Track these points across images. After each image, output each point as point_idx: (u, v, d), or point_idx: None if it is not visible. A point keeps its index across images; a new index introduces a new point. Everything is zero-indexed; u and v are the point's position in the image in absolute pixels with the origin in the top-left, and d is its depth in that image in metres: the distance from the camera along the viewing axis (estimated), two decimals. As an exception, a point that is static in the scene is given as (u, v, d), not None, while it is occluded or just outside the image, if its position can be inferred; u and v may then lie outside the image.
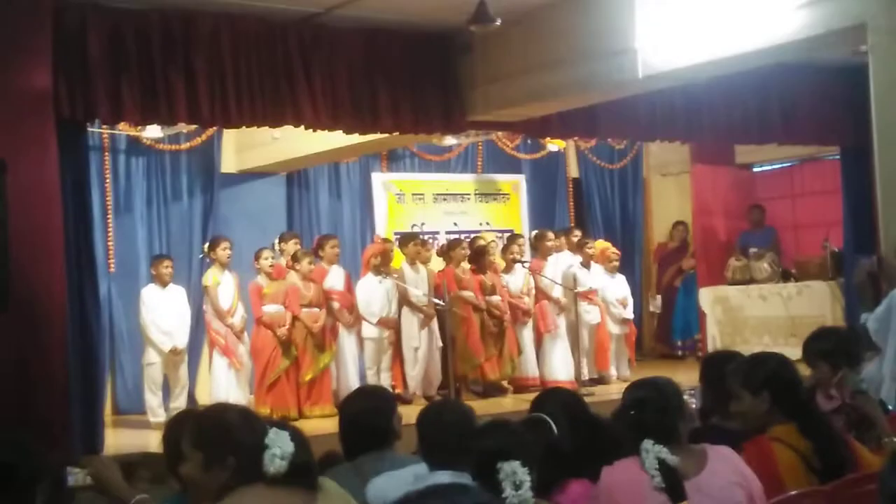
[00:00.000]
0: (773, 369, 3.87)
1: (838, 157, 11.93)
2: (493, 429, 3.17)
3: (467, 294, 10.34)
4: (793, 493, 3.54)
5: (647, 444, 3.28)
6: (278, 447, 2.84)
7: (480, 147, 12.66)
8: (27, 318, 6.83)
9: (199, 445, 3.04)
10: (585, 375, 10.68)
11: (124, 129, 10.07)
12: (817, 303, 11.61)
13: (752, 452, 3.65)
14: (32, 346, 6.93)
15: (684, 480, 3.27)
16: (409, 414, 4.18)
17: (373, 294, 9.95)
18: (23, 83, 7.10)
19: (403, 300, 10.10)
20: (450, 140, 11.49)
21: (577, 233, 11.70)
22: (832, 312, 11.41)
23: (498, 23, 7.23)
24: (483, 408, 8.77)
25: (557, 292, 10.77)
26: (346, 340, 9.94)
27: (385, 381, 9.80)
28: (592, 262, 11.19)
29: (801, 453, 3.69)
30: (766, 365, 3.91)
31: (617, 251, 11.66)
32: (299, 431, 3.01)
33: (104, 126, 9.78)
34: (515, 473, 2.95)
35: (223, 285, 9.62)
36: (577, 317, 10.56)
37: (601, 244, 11.70)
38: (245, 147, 11.00)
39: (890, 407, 5.10)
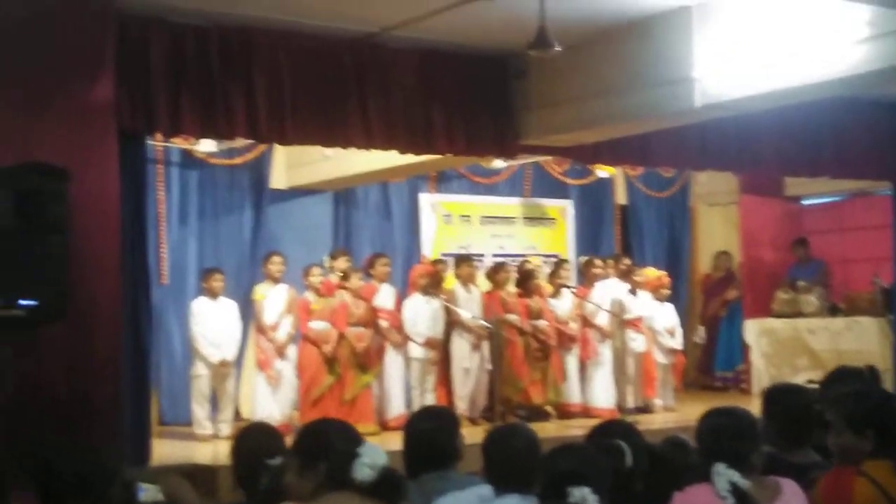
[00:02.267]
0: (878, 407, 3.76)
1: (889, 192, 11.84)
2: (565, 452, 3.18)
3: (512, 317, 10.34)
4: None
5: (720, 467, 3.28)
6: (369, 457, 2.96)
7: (529, 171, 12.67)
8: (83, 327, 6.87)
9: (297, 451, 3.19)
10: (630, 404, 10.62)
11: (178, 143, 10.17)
12: (866, 339, 11.50)
13: (830, 484, 3.60)
14: (87, 355, 6.97)
15: None
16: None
17: (419, 314, 9.98)
18: (87, 95, 7.18)
19: (453, 321, 10.11)
20: (498, 163, 11.51)
21: (627, 261, 11.67)
22: (881, 349, 11.30)
23: (557, 49, 7.23)
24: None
25: (602, 319, 10.74)
26: (393, 360, 9.97)
27: (429, 401, 9.79)
28: (640, 290, 11.15)
29: (888, 493, 3.59)
30: (870, 402, 3.80)
31: (667, 279, 11.60)
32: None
33: (159, 139, 9.87)
34: (585, 500, 2.96)
35: (271, 299, 9.68)
36: (622, 344, 10.53)
37: (652, 272, 11.66)
38: (295, 164, 11.07)
39: None
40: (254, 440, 3.82)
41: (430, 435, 3.90)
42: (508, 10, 7.63)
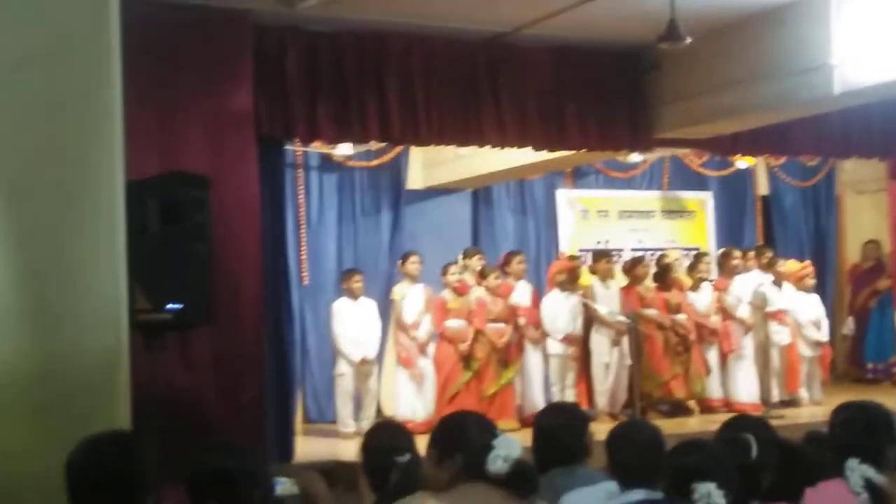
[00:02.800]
0: None
1: None
2: (691, 447, 3.17)
3: (651, 312, 10.25)
4: None
5: (853, 462, 3.24)
6: (504, 450, 2.99)
7: (667, 163, 12.53)
8: (227, 329, 7.10)
9: (434, 442, 3.22)
10: (775, 398, 10.40)
11: (317, 147, 10.40)
12: None
13: None
14: (231, 356, 7.22)
15: None
16: (594, 431, 4.19)
17: (558, 310, 9.97)
18: (227, 103, 7.44)
19: (592, 317, 10.09)
20: (635, 157, 11.41)
21: (768, 253, 11.42)
22: None
23: (688, 41, 7.16)
24: (669, 428, 8.61)
25: (744, 312, 10.54)
26: (532, 356, 9.99)
27: (570, 397, 9.79)
28: (783, 282, 10.90)
29: None
30: None
31: (810, 269, 11.31)
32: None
33: (298, 143, 10.12)
34: (710, 495, 2.95)
35: (410, 298, 9.82)
36: (766, 337, 10.32)
37: (795, 264, 11.38)
38: (431, 164, 11.19)
39: None
40: (383, 438, 3.89)
41: (559, 430, 3.92)
42: (639, 4, 7.59)
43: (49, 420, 4.39)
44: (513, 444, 3.04)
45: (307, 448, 8.60)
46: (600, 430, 3.83)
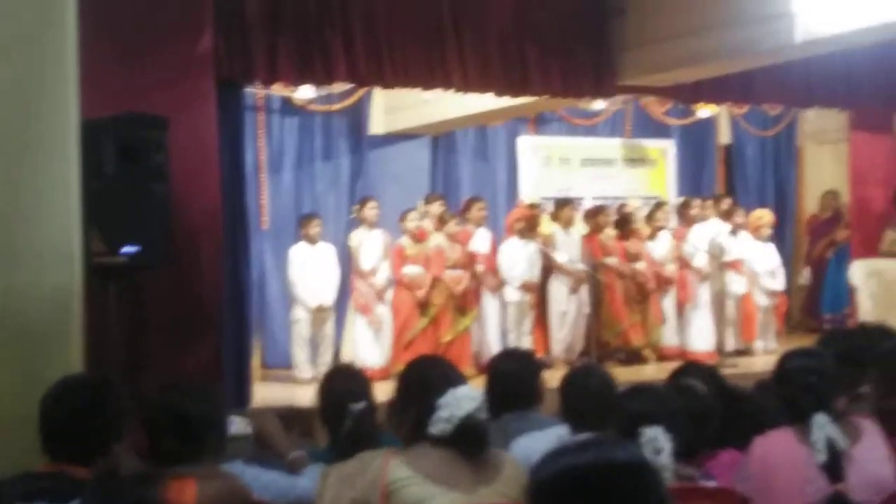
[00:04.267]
0: None
1: None
2: (638, 393, 3.20)
3: (612, 261, 10.29)
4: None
5: (822, 419, 3.20)
6: (447, 411, 2.86)
7: (629, 111, 12.52)
8: (184, 273, 7.06)
9: (397, 390, 3.12)
10: (730, 347, 10.51)
11: (278, 91, 10.30)
12: (979, 278, 11.16)
13: None
14: (188, 300, 7.17)
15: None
16: (549, 378, 4.21)
17: (516, 258, 9.98)
18: (185, 43, 7.32)
19: (551, 265, 10.11)
20: (598, 104, 11.39)
21: (727, 201, 11.49)
22: None
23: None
24: (625, 375, 8.73)
25: (701, 261, 10.62)
26: (489, 303, 10.02)
27: (526, 344, 9.81)
28: (741, 231, 10.98)
29: None
30: None
31: (770, 218, 11.38)
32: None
33: (259, 87, 10.01)
34: (657, 439, 2.97)
35: (368, 245, 9.78)
36: (722, 286, 10.41)
37: (760, 213, 11.45)
38: (393, 109, 11.11)
39: None
40: (338, 384, 3.84)
41: (512, 376, 3.96)
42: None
43: (2, 354, 4.41)
44: (461, 401, 2.89)
45: (264, 393, 8.59)
46: (556, 377, 3.83)
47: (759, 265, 11.04)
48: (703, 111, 12.16)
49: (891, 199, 12.70)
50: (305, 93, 10.25)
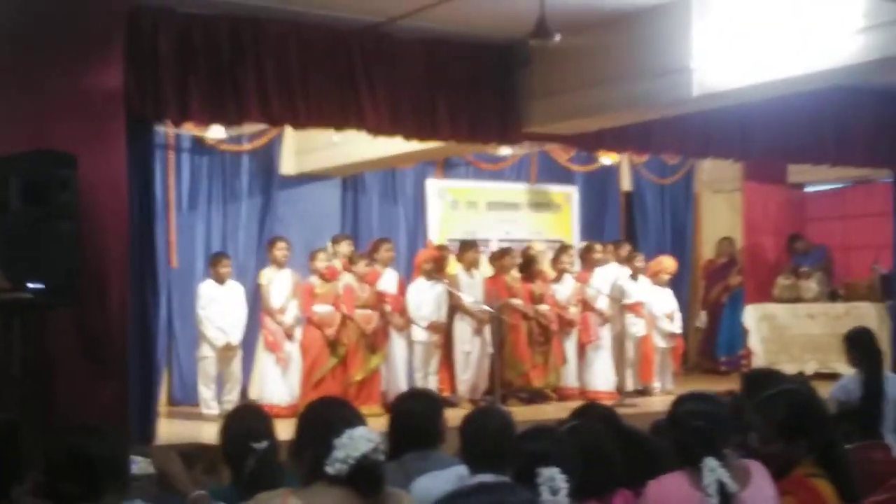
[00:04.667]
0: (808, 414, 3.72)
1: (890, 180, 11.93)
2: (537, 433, 3.27)
3: (517, 302, 10.49)
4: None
5: (712, 463, 3.23)
6: (343, 451, 2.84)
7: (535, 157, 12.78)
8: (91, 310, 7.05)
9: (295, 432, 3.07)
10: (630, 387, 10.77)
11: (189, 130, 10.31)
12: (865, 324, 11.56)
13: (801, 495, 3.54)
14: (95, 338, 7.16)
15: None
16: (454, 417, 4.30)
17: (423, 298, 10.14)
18: (96, 81, 7.34)
19: (456, 306, 10.28)
20: (505, 149, 11.62)
21: (627, 246, 11.80)
22: (879, 333, 11.37)
23: (557, 38, 7.34)
24: (526, 414, 8.93)
25: (602, 304, 10.88)
26: (397, 343, 10.14)
27: (432, 384, 9.97)
28: (640, 275, 11.28)
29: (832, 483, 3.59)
30: (798, 410, 3.72)
31: (671, 265, 11.69)
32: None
33: (170, 125, 10.02)
34: (554, 479, 3.06)
35: (277, 283, 9.84)
36: (622, 328, 10.68)
37: (663, 259, 11.78)
38: (304, 150, 11.18)
39: None
40: (241, 423, 3.85)
41: (413, 415, 4.02)
42: (511, 0, 7.75)
43: None
44: (357, 441, 2.86)
45: (170, 430, 8.57)
46: (461, 416, 3.85)
47: (658, 308, 11.35)
48: (606, 159, 12.46)
49: (783, 247, 13.20)
50: (216, 132, 10.28)
